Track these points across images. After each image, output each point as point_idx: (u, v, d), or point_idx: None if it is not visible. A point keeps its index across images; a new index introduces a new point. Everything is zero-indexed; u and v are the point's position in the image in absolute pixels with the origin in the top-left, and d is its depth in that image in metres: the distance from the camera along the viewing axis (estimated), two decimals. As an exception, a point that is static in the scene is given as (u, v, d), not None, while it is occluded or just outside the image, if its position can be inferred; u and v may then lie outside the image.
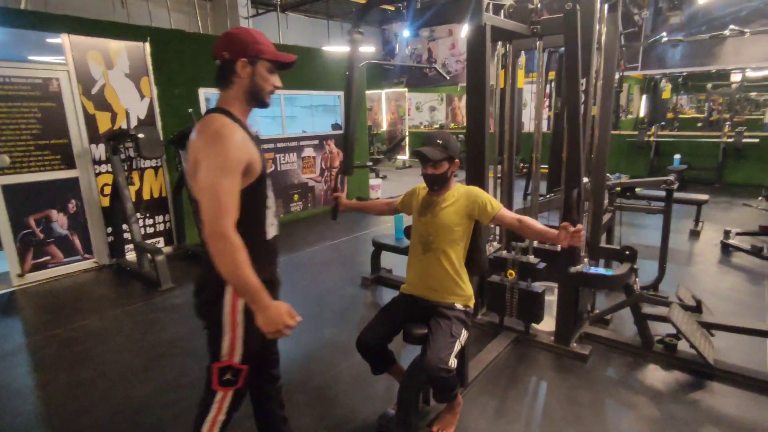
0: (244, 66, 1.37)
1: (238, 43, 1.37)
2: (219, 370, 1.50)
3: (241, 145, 1.31)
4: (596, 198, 2.91)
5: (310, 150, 6.37)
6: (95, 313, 3.51)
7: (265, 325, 1.31)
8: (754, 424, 2.11)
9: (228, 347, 1.47)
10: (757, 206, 6.05)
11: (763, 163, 7.63)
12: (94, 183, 4.36)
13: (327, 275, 4.23)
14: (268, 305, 1.29)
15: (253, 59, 1.37)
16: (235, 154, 1.28)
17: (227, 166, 1.26)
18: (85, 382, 2.61)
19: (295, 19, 11.52)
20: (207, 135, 1.30)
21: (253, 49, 1.37)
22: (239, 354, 1.48)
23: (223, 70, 1.39)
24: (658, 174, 7.90)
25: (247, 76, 1.38)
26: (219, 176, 1.25)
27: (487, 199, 1.91)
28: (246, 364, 1.52)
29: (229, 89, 1.40)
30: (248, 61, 1.37)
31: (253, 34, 1.39)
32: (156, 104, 4.69)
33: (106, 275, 4.34)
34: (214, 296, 1.41)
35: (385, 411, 2.18)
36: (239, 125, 1.37)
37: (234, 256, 1.23)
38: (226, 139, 1.28)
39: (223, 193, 1.24)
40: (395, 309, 2.02)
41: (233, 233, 1.24)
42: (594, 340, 2.81)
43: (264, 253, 1.50)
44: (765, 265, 4.00)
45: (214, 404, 1.54)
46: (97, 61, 4.26)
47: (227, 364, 1.49)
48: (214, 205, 1.23)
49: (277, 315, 1.30)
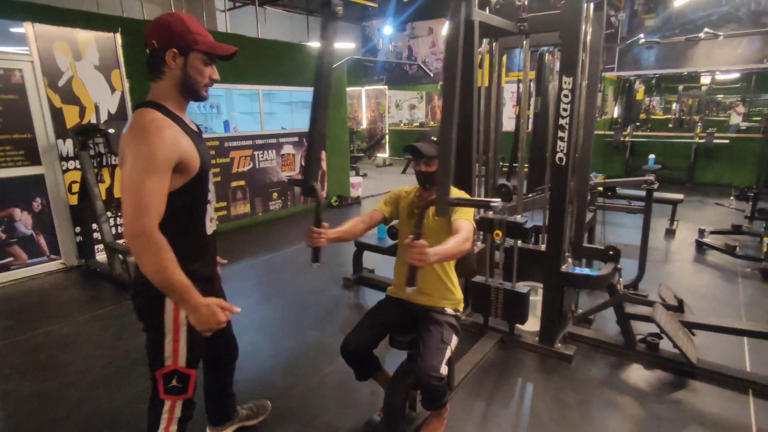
0: (175, 57, 1.28)
1: (169, 31, 1.27)
2: (164, 376, 1.41)
3: (170, 143, 1.23)
4: (580, 198, 2.91)
5: (290, 147, 6.24)
6: (62, 317, 3.33)
7: (198, 324, 1.26)
8: (737, 423, 2.13)
9: (171, 350, 1.38)
10: (729, 205, 6.24)
11: (732, 163, 7.90)
12: (61, 180, 4.14)
13: (308, 276, 4.13)
14: (199, 304, 1.24)
15: (184, 50, 1.28)
16: (162, 152, 1.21)
17: (152, 164, 1.19)
18: (53, 392, 2.45)
19: (274, 13, 11.30)
20: (134, 131, 1.23)
21: (186, 39, 1.27)
22: (184, 357, 1.40)
23: (153, 59, 1.30)
24: (634, 173, 8.08)
25: (179, 67, 1.29)
26: (142, 175, 1.18)
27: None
28: (193, 370, 1.44)
29: (160, 80, 1.31)
30: (179, 52, 1.28)
31: (186, 22, 1.29)
32: (128, 98, 4.49)
33: (74, 277, 4.14)
34: (155, 297, 1.31)
35: (371, 417, 2.12)
36: (173, 120, 1.29)
37: (158, 255, 1.18)
38: (153, 136, 1.21)
39: (145, 193, 1.18)
40: (382, 312, 1.96)
41: (156, 232, 1.19)
42: (578, 340, 2.82)
43: (205, 249, 1.46)
44: (738, 263, 4.10)
45: (164, 415, 1.45)
46: (64, 52, 4.04)
47: (172, 368, 1.40)
48: (134, 204, 1.17)
49: (209, 314, 1.25)
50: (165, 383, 1.42)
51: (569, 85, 2.32)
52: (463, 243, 1.62)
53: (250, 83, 5.63)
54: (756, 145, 7.63)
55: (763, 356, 2.63)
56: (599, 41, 2.62)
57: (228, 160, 5.53)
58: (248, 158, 5.77)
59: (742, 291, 3.58)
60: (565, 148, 2.40)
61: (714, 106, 11.49)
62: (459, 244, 1.60)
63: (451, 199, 1.47)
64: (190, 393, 1.46)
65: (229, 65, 6.19)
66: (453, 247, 1.58)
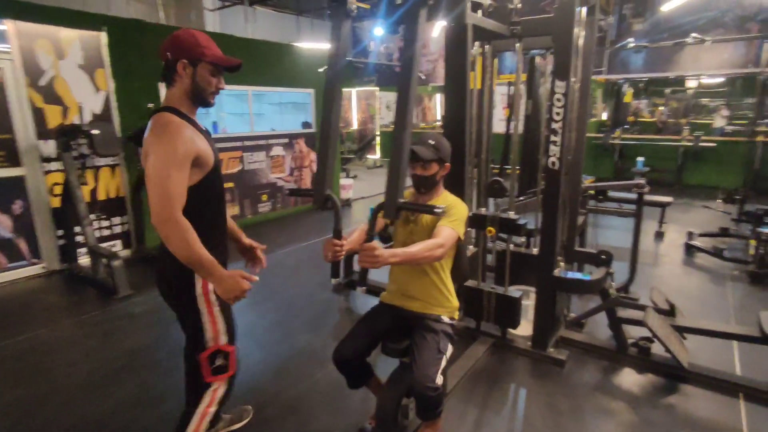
0: (185, 67, 1.45)
1: (181, 44, 1.45)
2: (208, 358, 1.53)
3: (188, 140, 1.40)
4: (572, 201, 2.90)
5: (280, 149, 6.16)
6: (45, 323, 3.24)
7: (224, 293, 1.41)
8: (729, 428, 2.13)
9: (211, 331, 1.54)
10: (716, 208, 6.32)
11: (718, 165, 8.00)
12: (43, 182, 4.03)
13: (298, 279, 4.08)
14: (224, 275, 1.40)
15: (194, 61, 1.45)
16: (181, 148, 1.37)
17: (174, 158, 1.36)
18: (37, 399, 2.38)
19: (263, 13, 11.21)
20: (156, 131, 1.39)
21: (195, 52, 1.45)
22: (224, 335, 1.56)
23: (167, 69, 1.47)
24: (624, 175, 8.14)
25: (188, 76, 1.46)
26: (166, 168, 1.34)
27: (456, 214, 1.76)
28: (232, 346, 1.58)
29: (173, 87, 1.48)
30: (189, 63, 1.45)
31: (197, 37, 1.47)
32: (113, 98, 4.38)
33: (57, 282, 4.03)
34: (184, 282, 1.49)
35: (363, 426, 2.08)
36: (187, 121, 1.46)
37: (185, 236, 1.34)
38: (173, 134, 1.38)
39: (169, 183, 1.34)
40: (375, 319, 1.92)
41: (180, 216, 1.35)
42: (570, 344, 2.81)
43: (222, 240, 1.63)
44: (726, 266, 4.14)
45: (206, 396, 1.57)
46: (47, 50, 3.94)
47: (215, 348, 1.54)
48: (161, 193, 1.33)
49: (233, 283, 1.40)
50: (210, 365, 1.54)
51: (562, 89, 2.31)
52: (434, 249, 1.60)
53: (239, 84, 5.56)
54: (742, 148, 7.74)
55: (752, 359, 2.64)
56: (591, 45, 2.62)
57: (216, 162, 5.44)
58: (237, 160, 5.69)
59: (731, 294, 3.60)
60: (558, 151, 2.39)
61: (699, 109, 11.65)
62: (427, 248, 1.59)
63: (400, 202, 1.49)
64: (232, 370, 1.60)
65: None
66: (419, 251, 1.57)
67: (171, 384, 2.50)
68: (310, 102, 6.50)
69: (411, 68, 1.53)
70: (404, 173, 1.55)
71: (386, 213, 1.51)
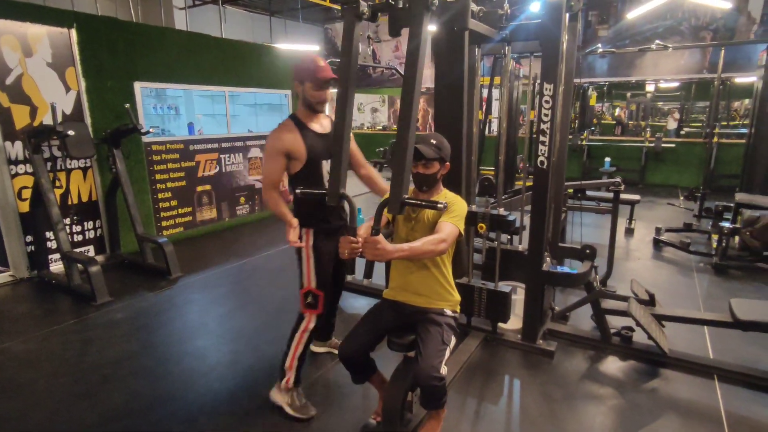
0: (298, 85, 2.07)
1: (296, 68, 2.06)
2: (303, 295, 2.14)
3: (280, 139, 2.01)
4: (557, 200, 3.02)
5: (257, 150, 6.08)
6: (17, 334, 3.08)
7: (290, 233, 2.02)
8: (707, 406, 2.29)
9: (306, 275, 2.14)
10: (679, 205, 6.69)
11: (677, 165, 8.48)
12: (10, 185, 3.83)
13: (283, 281, 4.04)
14: (292, 223, 1.99)
15: (302, 80, 2.04)
16: (272, 145, 2.02)
17: (267, 152, 2.05)
18: (14, 415, 2.26)
19: (234, 13, 11.01)
20: (271, 132, 2.05)
21: (302, 74, 2.02)
22: (314, 280, 2.13)
23: (295, 87, 2.10)
24: (591, 175, 8.49)
25: (301, 91, 2.07)
26: (264, 159, 2.07)
27: (457, 210, 1.82)
28: (322, 291, 2.12)
29: (299, 99, 2.09)
30: (299, 82, 2.05)
31: (307, 63, 2.02)
32: (84, 98, 4.22)
33: (26, 290, 3.84)
34: (300, 238, 2.07)
35: (366, 422, 2.10)
36: (296, 124, 2.05)
37: (272, 201, 2.07)
38: (272, 135, 2.03)
39: (264, 168, 2.06)
40: (379, 316, 1.95)
41: (270, 190, 2.06)
42: (557, 336, 2.92)
43: (328, 212, 2.12)
44: (692, 259, 4.41)
45: (301, 325, 2.17)
46: (13, 47, 3.75)
47: (307, 288, 2.13)
48: (262, 174, 2.09)
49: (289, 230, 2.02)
50: (304, 300, 2.14)
51: (550, 92, 2.41)
52: (437, 243, 1.67)
53: (215, 84, 5.46)
54: (698, 149, 8.24)
55: (723, 343, 2.84)
56: (573, 50, 2.74)
57: (193, 164, 5.32)
58: (214, 162, 5.58)
59: (698, 284, 3.84)
60: (546, 151, 2.49)
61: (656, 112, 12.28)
62: (431, 243, 1.66)
63: (404, 198, 1.55)
64: (320, 309, 2.14)
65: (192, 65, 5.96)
66: (422, 246, 1.64)
67: (162, 391, 2.44)
68: (287, 103, 6.45)
69: (415, 71, 1.56)
70: (408, 171, 1.60)
71: (391, 208, 1.57)
